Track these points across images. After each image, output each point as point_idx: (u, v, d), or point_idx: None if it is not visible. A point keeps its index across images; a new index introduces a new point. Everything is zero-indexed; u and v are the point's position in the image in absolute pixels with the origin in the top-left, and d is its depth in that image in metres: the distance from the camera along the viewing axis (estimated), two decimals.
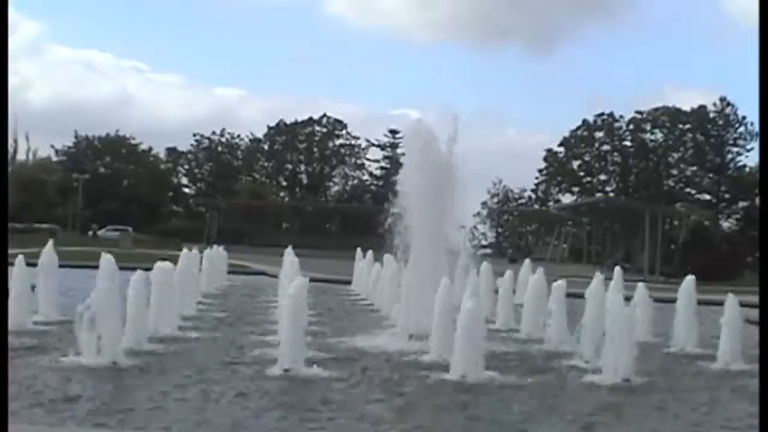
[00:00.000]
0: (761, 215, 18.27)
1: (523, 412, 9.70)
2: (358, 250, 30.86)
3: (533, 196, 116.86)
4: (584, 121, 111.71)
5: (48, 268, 16.44)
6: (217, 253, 29.57)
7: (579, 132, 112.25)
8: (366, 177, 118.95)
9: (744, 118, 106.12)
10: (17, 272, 15.27)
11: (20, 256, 15.45)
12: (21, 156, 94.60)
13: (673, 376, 13.05)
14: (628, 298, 14.73)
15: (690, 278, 16.77)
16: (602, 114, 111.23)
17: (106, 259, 11.87)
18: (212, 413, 8.96)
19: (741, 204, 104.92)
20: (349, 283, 30.33)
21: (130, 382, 10.52)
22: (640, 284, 18.13)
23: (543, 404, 10.31)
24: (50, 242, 16.87)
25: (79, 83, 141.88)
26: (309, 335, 12.57)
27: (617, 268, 20.72)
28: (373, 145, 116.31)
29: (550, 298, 16.06)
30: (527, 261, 26.54)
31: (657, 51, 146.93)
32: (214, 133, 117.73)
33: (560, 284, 16.03)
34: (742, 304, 14.53)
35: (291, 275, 15.78)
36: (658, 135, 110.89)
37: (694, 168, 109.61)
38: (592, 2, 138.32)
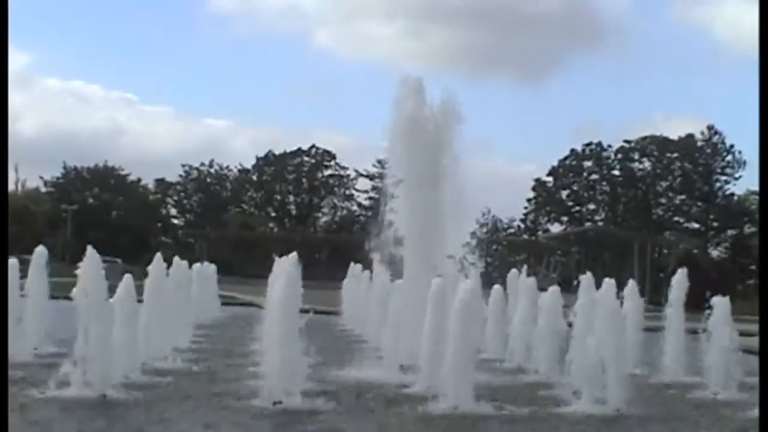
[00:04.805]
0: (761, 228, 18.33)
1: None
2: (345, 280, 30.58)
3: (522, 225, 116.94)
4: (572, 151, 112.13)
5: (36, 299, 16.34)
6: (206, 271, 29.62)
7: (567, 161, 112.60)
8: (355, 207, 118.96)
9: (732, 146, 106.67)
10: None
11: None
12: (10, 187, 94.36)
13: (665, 406, 13.00)
14: None
15: (678, 299, 16.78)
16: (590, 143, 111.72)
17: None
18: None
19: (730, 232, 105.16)
20: (338, 314, 30.12)
21: (116, 415, 10.42)
22: (629, 309, 18.15)
23: None
24: (41, 272, 16.70)
25: (69, 114, 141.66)
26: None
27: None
28: (362, 175, 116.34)
29: (539, 328, 16.06)
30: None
31: (646, 80, 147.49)
32: (202, 164, 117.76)
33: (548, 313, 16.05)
34: None
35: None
36: (646, 164, 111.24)
37: (683, 196, 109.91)
38: (582, 32, 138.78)
